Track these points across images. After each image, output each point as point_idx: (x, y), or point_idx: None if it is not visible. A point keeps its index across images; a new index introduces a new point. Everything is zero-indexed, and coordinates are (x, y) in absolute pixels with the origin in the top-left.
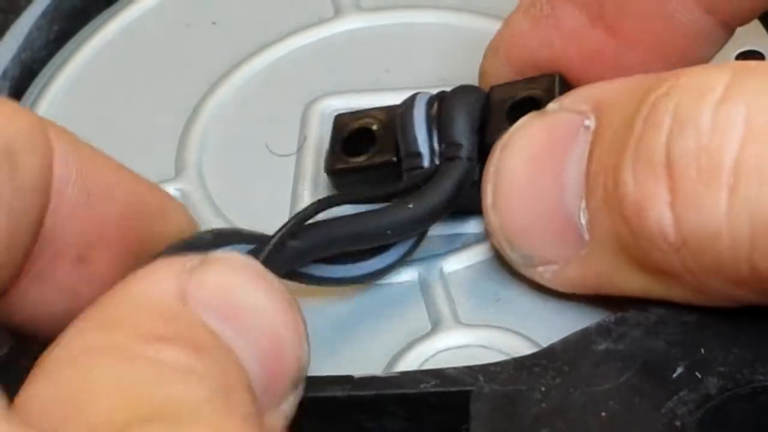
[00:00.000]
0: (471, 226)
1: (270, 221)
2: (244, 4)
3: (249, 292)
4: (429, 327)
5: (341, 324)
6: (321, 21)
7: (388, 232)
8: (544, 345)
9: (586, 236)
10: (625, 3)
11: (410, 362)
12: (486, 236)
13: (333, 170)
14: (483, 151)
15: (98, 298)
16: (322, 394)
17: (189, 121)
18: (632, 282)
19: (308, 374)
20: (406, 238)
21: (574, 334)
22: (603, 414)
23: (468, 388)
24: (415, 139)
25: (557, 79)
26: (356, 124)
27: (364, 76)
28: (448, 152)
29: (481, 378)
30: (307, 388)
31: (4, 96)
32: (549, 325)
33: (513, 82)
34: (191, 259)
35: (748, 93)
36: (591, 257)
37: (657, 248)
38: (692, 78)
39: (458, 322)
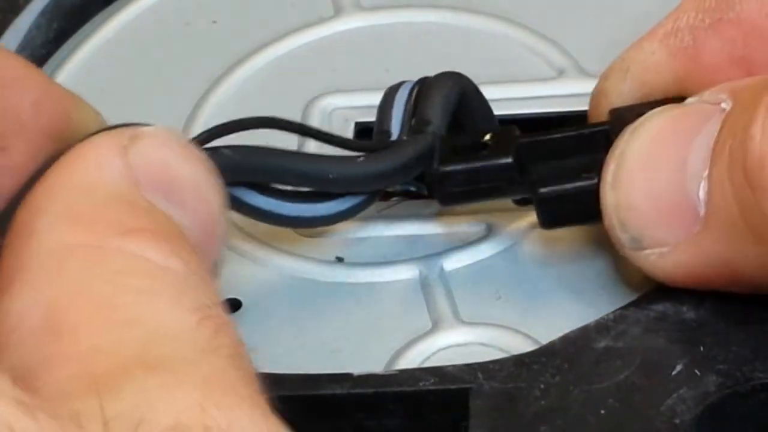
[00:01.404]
0: (471, 225)
1: None
2: (244, 3)
3: (185, 168)
4: (429, 325)
5: (341, 321)
6: (321, 20)
7: (330, 176)
8: (544, 343)
9: (702, 211)
10: None
11: (410, 360)
12: (487, 235)
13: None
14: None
15: (41, 182)
16: (322, 391)
17: (189, 120)
18: (747, 254)
19: (308, 372)
20: (350, 191)
21: (574, 331)
22: (602, 411)
23: (467, 385)
24: (389, 118)
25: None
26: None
27: (364, 75)
28: (416, 126)
29: (480, 376)
30: (306, 386)
31: None
32: (548, 323)
33: (634, 105)
34: (122, 135)
35: None
36: (705, 233)
37: None
38: None
39: (458, 320)
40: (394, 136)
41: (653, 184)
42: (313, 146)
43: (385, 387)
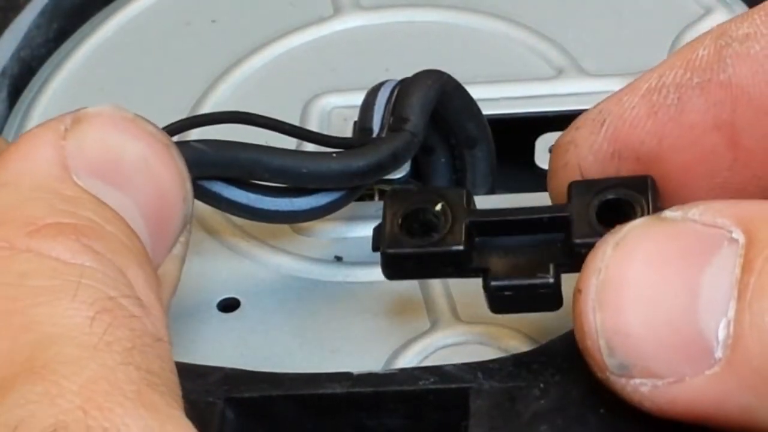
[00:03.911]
0: None
1: None
2: (244, 2)
3: (128, 146)
4: (428, 324)
5: (340, 321)
6: (320, 19)
7: (304, 171)
8: (543, 342)
9: (719, 354)
10: (761, 117)
11: (409, 359)
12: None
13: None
14: (449, 146)
15: None
16: (321, 391)
17: None
18: None
19: (307, 371)
20: (324, 187)
21: (573, 331)
22: (601, 411)
23: (467, 385)
24: (371, 117)
25: (649, 181)
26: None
27: (364, 75)
28: (393, 125)
29: (480, 375)
30: (306, 385)
31: (3, 93)
32: (548, 323)
33: (596, 180)
34: (64, 120)
35: None
36: (725, 376)
37: None
38: None
39: (457, 319)
40: (375, 133)
41: (655, 312)
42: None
43: (384, 386)
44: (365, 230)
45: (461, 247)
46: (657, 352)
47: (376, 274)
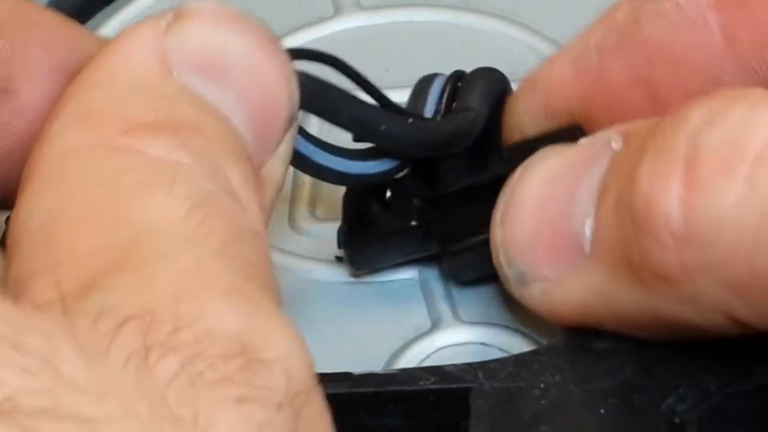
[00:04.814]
0: None
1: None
2: (244, 3)
3: (231, 43)
4: (429, 324)
5: (341, 321)
6: (321, 19)
7: (382, 128)
8: (544, 342)
9: (587, 248)
10: (676, 71)
11: (410, 359)
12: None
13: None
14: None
15: (77, 76)
16: (321, 391)
17: None
18: (627, 295)
19: None
20: (392, 149)
21: (574, 331)
22: (602, 411)
23: (467, 385)
24: (424, 104)
25: (577, 130)
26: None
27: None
28: (457, 111)
29: (480, 375)
30: None
31: None
32: (548, 323)
33: (529, 139)
34: (165, 15)
35: None
36: (589, 268)
37: (659, 244)
38: (729, 90)
39: (458, 319)
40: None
41: (540, 219)
42: None
43: (385, 386)
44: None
45: (414, 223)
46: (542, 256)
47: (377, 274)
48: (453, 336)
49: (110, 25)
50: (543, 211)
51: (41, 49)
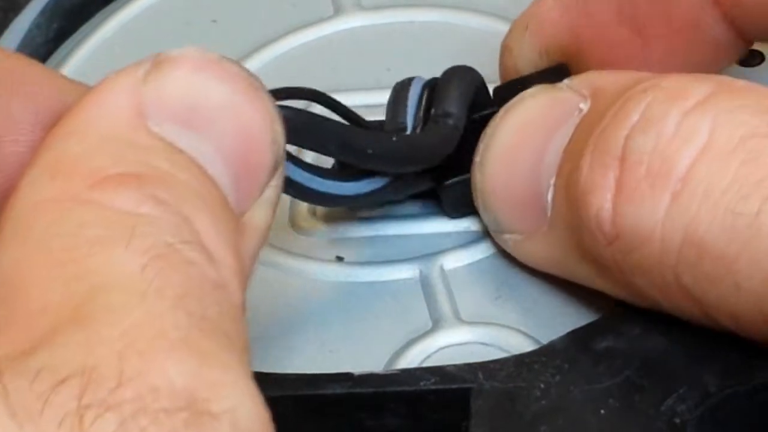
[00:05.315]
0: (471, 224)
1: None
2: (244, 3)
3: (211, 90)
4: (429, 324)
5: (341, 321)
6: (321, 19)
7: (369, 151)
8: (545, 342)
9: (549, 213)
10: (658, 6)
11: (411, 359)
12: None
13: None
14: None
15: (53, 127)
16: (322, 391)
17: None
18: (578, 269)
19: (308, 372)
20: (381, 167)
21: (574, 331)
22: (602, 411)
23: (468, 385)
24: (404, 113)
25: (563, 68)
26: None
27: (365, 75)
28: (436, 119)
29: (481, 375)
30: (306, 386)
31: None
32: (549, 323)
33: (517, 79)
34: (143, 64)
35: (720, 109)
36: (549, 235)
37: (593, 238)
38: (673, 82)
39: (459, 319)
40: (409, 129)
41: (511, 173)
42: None
43: (385, 387)
44: (366, 230)
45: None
46: (513, 210)
47: (378, 274)
48: (454, 336)
49: (110, 25)
50: (515, 162)
51: (24, 101)
